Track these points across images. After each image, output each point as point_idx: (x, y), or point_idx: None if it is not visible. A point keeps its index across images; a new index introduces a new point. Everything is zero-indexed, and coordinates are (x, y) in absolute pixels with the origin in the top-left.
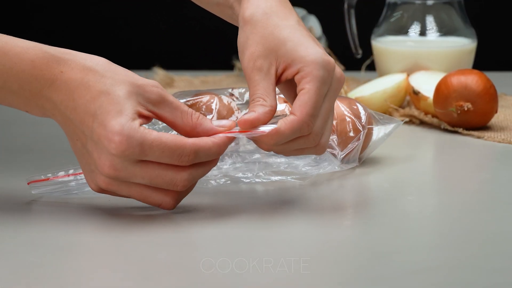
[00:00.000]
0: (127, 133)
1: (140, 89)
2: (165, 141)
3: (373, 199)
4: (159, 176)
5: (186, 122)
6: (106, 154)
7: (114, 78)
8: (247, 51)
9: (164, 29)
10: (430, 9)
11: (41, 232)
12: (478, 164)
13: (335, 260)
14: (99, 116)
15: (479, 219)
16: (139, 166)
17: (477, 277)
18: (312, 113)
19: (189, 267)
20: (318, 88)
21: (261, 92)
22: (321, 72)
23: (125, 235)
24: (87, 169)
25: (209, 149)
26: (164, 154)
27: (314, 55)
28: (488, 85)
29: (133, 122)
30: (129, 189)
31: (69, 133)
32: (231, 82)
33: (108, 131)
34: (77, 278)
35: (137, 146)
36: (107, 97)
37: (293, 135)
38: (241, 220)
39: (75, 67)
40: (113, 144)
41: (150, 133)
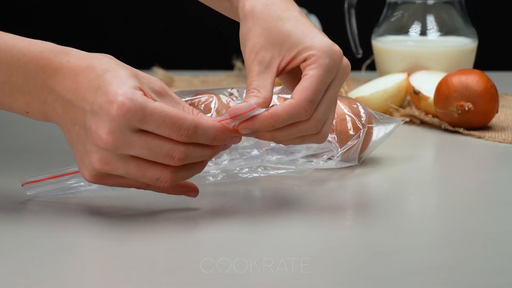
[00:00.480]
0: (130, 96)
1: (144, 79)
2: (167, 110)
3: (373, 199)
4: (158, 146)
5: (188, 112)
6: (106, 121)
7: (120, 64)
8: (249, 43)
9: (164, 29)
10: (430, 8)
11: (39, 232)
12: (479, 164)
13: (335, 260)
14: (102, 87)
15: (480, 219)
16: (137, 135)
17: (478, 277)
18: (311, 99)
19: (189, 267)
20: (321, 76)
21: (257, 83)
22: (327, 60)
23: (124, 236)
24: (83, 153)
25: (208, 129)
26: (164, 123)
27: (321, 43)
28: (489, 85)
29: (136, 91)
30: (126, 163)
31: (66, 122)
32: (231, 82)
33: (111, 95)
34: (76, 279)
35: (139, 110)
36: (112, 73)
37: (289, 119)
38: (241, 220)
39: (82, 57)
40: (115, 104)
41: (153, 101)
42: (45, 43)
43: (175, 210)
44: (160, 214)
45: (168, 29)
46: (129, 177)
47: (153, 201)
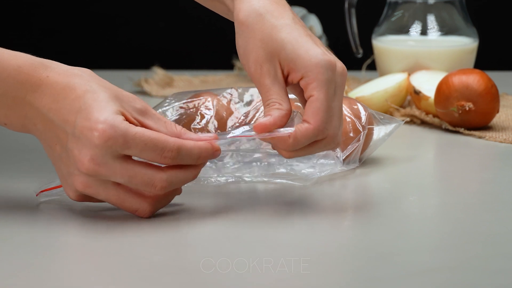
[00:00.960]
0: (111, 123)
1: (125, 98)
2: (148, 134)
3: (374, 199)
4: (138, 175)
5: (170, 130)
6: (88, 148)
7: (100, 84)
8: (251, 56)
9: (163, 28)
10: (431, 8)
11: (37, 233)
12: (480, 164)
13: (336, 261)
14: (83, 111)
15: (481, 220)
16: (119, 162)
17: (479, 278)
18: (326, 120)
19: (189, 267)
20: (326, 93)
21: (275, 96)
22: (325, 75)
23: (124, 236)
24: (66, 173)
25: (191, 149)
26: (147, 147)
27: (315, 57)
28: (490, 85)
29: (117, 116)
30: (107, 190)
31: (48, 139)
32: (231, 81)
33: (92, 121)
34: (75, 279)
35: (121, 137)
36: (92, 95)
37: (308, 142)
38: (241, 220)
39: (61, 72)
40: (96, 132)
41: (134, 126)
42: (25, 56)
43: (175, 210)
44: (160, 214)
45: (168, 28)
46: (109, 203)
47: None
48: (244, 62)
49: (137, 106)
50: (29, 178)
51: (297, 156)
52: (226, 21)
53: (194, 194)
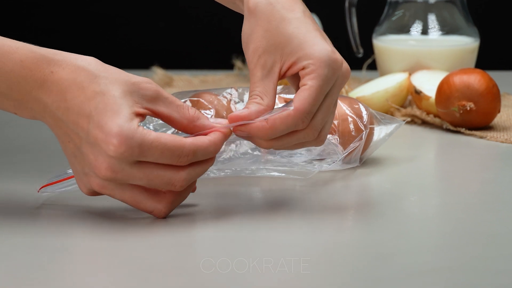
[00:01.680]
0: (126, 134)
1: (135, 87)
2: (164, 142)
3: (374, 199)
4: (157, 177)
5: (183, 115)
6: (104, 156)
7: (108, 78)
8: (252, 44)
9: (163, 27)
10: (432, 7)
11: (36, 234)
12: (481, 164)
13: (336, 261)
14: (94, 117)
15: (482, 220)
16: (136, 167)
17: (481, 278)
18: (308, 110)
19: (189, 267)
20: (319, 86)
21: (260, 90)
22: (326, 71)
23: (123, 236)
24: (80, 172)
25: (206, 148)
26: (163, 155)
27: (321, 52)
28: (491, 85)
29: (131, 123)
30: (123, 192)
31: (60, 135)
32: (231, 81)
33: (106, 133)
34: (74, 280)
35: (137, 148)
36: (102, 97)
37: (287, 130)
38: (242, 220)
39: (66, 67)
40: (111, 146)
41: (149, 134)
42: (26, 49)
43: (175, 210)
44: None
45: (168, 28)
46: (125, 203)
47: None
48: (244, 49)
49: (148, 93)
50: (28, 178)
51: (274, 147)
52: (226, 20)
53: (193, 194)
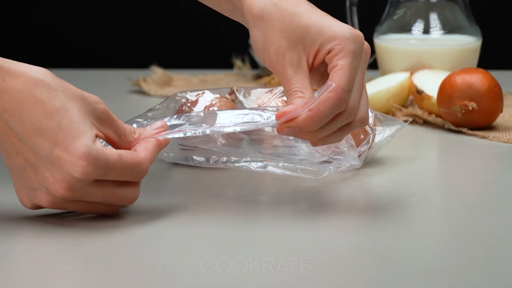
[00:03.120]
0: (94, 155)
1: (90, 107)
2: (126, 161)
3: (375, 200)
4: (113, 195)
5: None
6: (64, 175)
7: (66, 93)
8: (272, 48)
9: (162, 27)
10: (433, 6)
11: (35, 234)
12: (483, 164)
13: (336, 262)
14: (58, 135)
15: (485, 221)
16: (95, 186)
17: (483, 280)
18: (348, 89)
19: (189, 267)
20: (351, 63)
21: (297, 85)
22: (352, 46)
23: (123, 236)
24: (27, 186)
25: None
26: (124, 173)
27: (342, 31)
28: (493, 84)
29: (96, 143)
30: (74, 205)
31: (6, 146)
32: (231, 81)
33: (72, 153)
34: (73, 281)
35: (102, 168)
36: (65, 114)
37: (332, 114)
38: (242, 220)
39: (20, 75)
40: (78, 168)
41: (112, 154)
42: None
43: (175, 210)
44: (159, 213)
45: (167, 27)
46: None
47: (151, 201)
48: (264, 55)
49: (100, 115)
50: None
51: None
52: (226, 20)
53: (194, 193)
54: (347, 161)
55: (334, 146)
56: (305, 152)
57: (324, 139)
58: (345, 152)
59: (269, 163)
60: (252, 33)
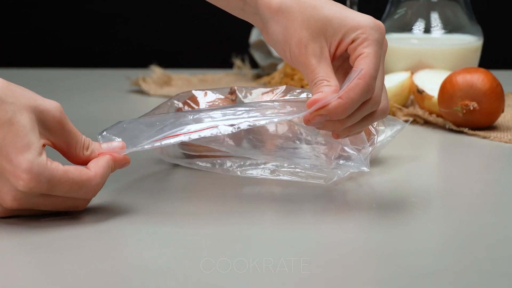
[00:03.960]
0: (36, 171)
1: (41, 115)
2: (72, 177)
3: (376, 200)
4: (62, 203)
5: (79, 154)
6: (10, 188)
7: (16, 104)
8: (293, 40)
9: (162, 26)
10: (434, 5)
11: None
12: (484, 165)
13: (336, 262)
14: (3, 148)
15: (485, 221)
16: (42, 198)
17: (484, 281)
18: (374, 75)
19: (189, 267)
20: (376, 51)
21: (322, 74)
22: (377, 35)
23: (122, 236)
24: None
25: (107, 175)
26: (71, 190)
27: (366, 21)
28: (495, 84)
29: (40, 158)
30: (30, 211)
31: None
32: (230, 80)
33: (15, 167)
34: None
35: (45, 183)
36: (10, 127)
37: (360, 99)
38: (242, 220)
39: None
40: (21, 181)
41: (57, 169)
42: None
43: (175, 209)
44: (159, 213)
45: (166, 26)
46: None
47: (151, 201)
48: (285, 47)
49: (50, 124)
50: None
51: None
52: (226, 19)
53: (194, 193)
54: (355, 167)
55: (340, 149)
56: (312, 154)
57: (349, 129)
58: (352, 156)
59: (277, 168)
60: (270, 26)
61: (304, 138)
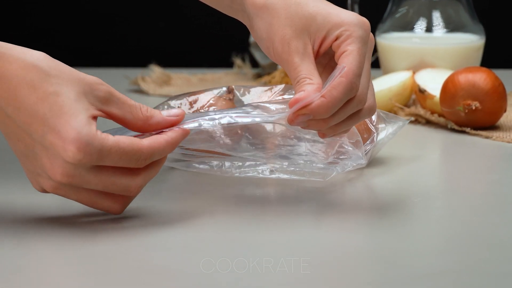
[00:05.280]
0: (85, 140)
1: (88, 87)
2: (123, 147)
3: (378, 200)
4: (114, 184)
5: (136, 116)
6: (60, 161)
7: (60, 77)
8: (276, 37)
9: (161, 25)
10: (436, 4)
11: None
12: (486, 165)
13: (337, 262)
14: (49, 120)
15: (488, 222)
16: (93, 173)
17: (486, 282)
18: (358, 73)
19: (188, 267)
20: (360, 48)
21: (304, 72)
22: (360, 32)
23: (122, 237)
24: (33, 171)
25: (163, 150)
26: (121, 159)
27: (349, 17)
28: (497, 83)
29: (89, 127)
30: (78, 194)
31: (8, 132)
32: (230, 79)
33: (63, 138)
34: (72, 283)
35: (95, 154)
36: (56, 98)
37: (344, 98)
38: (242, 220)
39: (14, 62)
40: (69, 152)
41: (108, 139)
42: None
43: (174, 210)
44: (159, 215)
45: (166, 25)
46: (80, 203)
47: (150, 202)
48: (268, 44)
49: (101, 94)
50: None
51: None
52: (225, 18)
53: (193, 193)
54: (353, 160)
55: (338, 146)
56: (310, 151)
57: (334, 128)
58: (350, 151)
59: (274, 167)
60: (255, 23)
61: (303, 135)
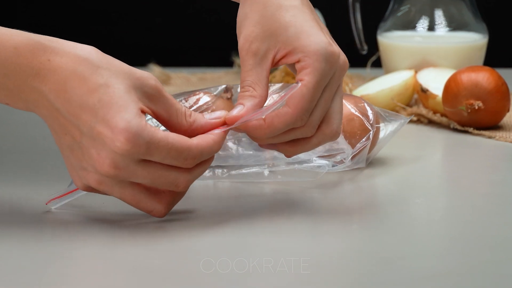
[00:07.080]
0: (134, 131)
1: (138, 82)
2: (172, 142)
3: (379, 201)
4: (162, 176)
5: (181, 121)
6: (108, 152)
7: (111, 70)
8: (244, 30)
9: (160, 23)
10: (439, 2)
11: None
12: (489, 165)
13: (337, 263)
14: (99, 110)
15: (490, 223)
16: (141, 165)
17: (488, 283)
18: (307, 108)
19: (189, 267)
20: (316, 82)
21: (251, 79)
22: (323, 65)
23: (123, 238)
24: (77, 166)
25: (211, 148)
26: (169, 155)
27: (317, 45)
28: (500, 83)
29: (139, 119)
30: (123, 190)
31: (55, 126)
32: (230, 79)
33: (112, 128)
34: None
35: (144, 146)
36: (106, 89)
37: (285, 128)
38: (242, 220)
39: (64, 55)
40: (118, 143)
41: (157, 132)
42: (21, 36)
43: (175, 210)
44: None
45: (165, 24)
46: (123, 201)
47: None
48: (237, 34)
49: (150, 91)
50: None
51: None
52: (225, 17)
53: (195, 194)
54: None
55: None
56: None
57: (274, 146)
58: (344, 149)
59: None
60: (239, 10)
61: None
